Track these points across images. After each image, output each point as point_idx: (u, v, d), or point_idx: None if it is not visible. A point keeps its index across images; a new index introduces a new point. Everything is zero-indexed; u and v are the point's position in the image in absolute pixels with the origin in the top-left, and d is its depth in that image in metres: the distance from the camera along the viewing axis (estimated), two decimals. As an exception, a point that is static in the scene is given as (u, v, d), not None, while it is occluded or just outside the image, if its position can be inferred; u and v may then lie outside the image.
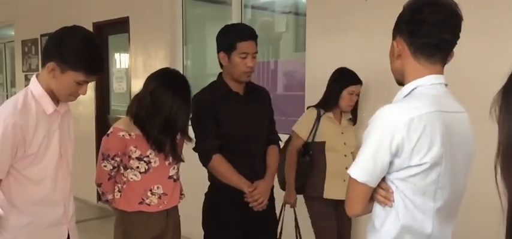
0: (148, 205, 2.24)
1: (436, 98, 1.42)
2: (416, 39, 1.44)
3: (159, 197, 2.26)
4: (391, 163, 1.39)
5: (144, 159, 2.21)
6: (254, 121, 2.44)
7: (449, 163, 1.41)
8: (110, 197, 2.29)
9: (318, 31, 3.35)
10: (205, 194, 2.50)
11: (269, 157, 2.49)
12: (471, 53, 2.58)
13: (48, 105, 1.87)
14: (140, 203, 2.24)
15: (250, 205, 2.35)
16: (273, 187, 2.56)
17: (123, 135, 2.19)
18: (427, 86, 1.43)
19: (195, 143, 2.42)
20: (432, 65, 1.45)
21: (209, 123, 2.37)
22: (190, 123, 2.41)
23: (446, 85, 1.48)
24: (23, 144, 1.79)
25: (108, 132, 2.24)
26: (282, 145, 2.64)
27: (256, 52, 2.39)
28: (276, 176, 2.63)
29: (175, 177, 2.33)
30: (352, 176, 1.43)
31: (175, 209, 2.38)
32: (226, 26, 2.47)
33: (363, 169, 1.41)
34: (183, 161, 2.30)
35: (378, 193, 1.45)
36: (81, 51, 1.80)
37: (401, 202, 1.42)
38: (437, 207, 1.42)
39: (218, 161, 2.35)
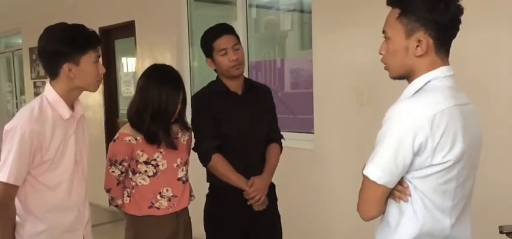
0: (158, 208, 2.24)
1: (451, 91, 1.36)
2: (445, 32, 1.35)
3: (169, 200, 2.26)
4: (412, 163, 1.32)
5: (152, 162, 2.22)
6: (252, 120, 2.43)
7: (468, 157, 1.36)
8: (119, 202, 2.29)
9: (324, 28, 3.34)
10: (206, 195, 2.51)
11: (268, 155, 2.48)
12: (474, 48, 2.56)
13: (65, 110, 1.90)
14: (150, 207, 2.24)
15: (248, 203, 2.35)
16: (274, 186, 2.55)
17: (129, 140, 2.20)
18: (441, 78, 1.36)
19: (195, 144, 2.43)
20: (446, 57, 1.39)
21: (208, 123, 2.37)
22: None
23: (453, 76, 1.43)
24: (39, 150, 1.81)
25: (115, 137, 2.26)
26: (284, 143, 2.62)
27: (236, 44, 2.39)
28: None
29: (184, 179, 2.33)
30: (371, 178, 1.34)
31: (185, 210, 2.38)
32: (204, 32, 2.48)
33: (383, 170, 1.33)
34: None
35: (394, 188, 1.37)
36: (72, 35, 1.87)
37: (420, 202, 1.35)
38: (456, 204, 1.38)
39: (217, 161, 2.35)
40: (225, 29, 2.42)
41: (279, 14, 4.38)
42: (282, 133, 2.63)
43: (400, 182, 1.37)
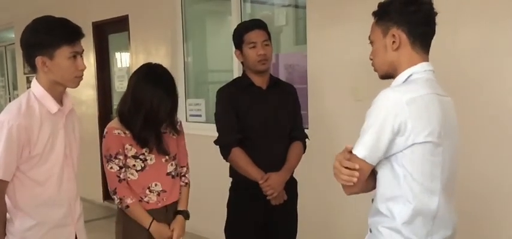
0: (147, 203, 2.23)
1: (430, 82, 1.51)
2: (417, 29, 1.51)
3: (158, 194, 2.24)
4: (394, 143, 1.44)
5: (140, 157, 2.19)
6: (274, 115, 2.46)
7: (448, 142, 1.48)
8: (129, 201, 2.17)
9: (318, 23, 3.34)
10: (229, 189, 2.57)
11: (289, 152, 2.49)
12: (470, 45, 2.57)
13: (52, 104, 1.88)
14: (139, 201, 2.21)
15: (267, 198, 2.38)
16: (296, 183, 2.57)
17: (118, 133, 2.17)
18: (421, 72, 1.51)
19: (217, 137, 2.48)
20: (424, 53, 1.54)
21: (229, 116, 2.42)
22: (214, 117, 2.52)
23: (433, 71, 1.55)
24: (27, 145, 1.80)
25: (104, 133, 2.23)
26: (308, 142, 2.61)
27: (267, 40, 2.45)
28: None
29: (173, 174, 2.30)
30: (353, 151, 1.49)
31: (175, 205, 2.34)
32: (237, 25, 2.57)
33: (363, 145, 1.47)
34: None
35: (342, 172, 1.49)
36: (49, 27, 1.84)
37: (409, 188, 1.46)
38: (442, 186, 1.49)
39: (237, 154, 2.40)
40: (257, 24, 2.50)
41: (274, 9, 4.36)
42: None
43: (351, 165, 1.48)
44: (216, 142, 2.49)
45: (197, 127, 4.32)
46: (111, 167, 2.18)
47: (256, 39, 2.41)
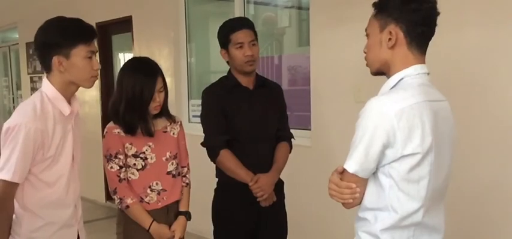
0: (148, 203, 2.22)
1: (422, 87, 1.45)
2: (415, 28, 1.44)
3: (158, 194, 2.24)
4: (384, 155, 1.41)
5: (140, 155, 2.19)
6: (262, 116, 2.43)
7: (438, 150, 1.44)
8: (129, 201, 2.18)
9: (321, 25, 3.34)
10: (215, 190, 2.52)
11: (277, 152, 2.47)
12: (471, 47, 2.56)
13: (65, 106, 1.88)
14: (140, 201, 2.21)
15: (257, 200, 2.35)
16: (283, 183, 2.56)
17: (118, 132, 2.18)
18: (413, 76, 1.46)
19: (204, 139, 2.44)
20: (420, 54, 1.48)
21: (217, 118, 2.37)
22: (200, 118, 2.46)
23: (428, 74, 1.51)
24: (42, 148, 1.80)
25: (104, 133, 2.24)
26: (294, 142, 2.61)
27: (254, 40, 2.38)
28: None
29: (174, 173, 2.29)
30: (344, 166, 1.47)
31: (176, 205, 2.34)
32: (223, 23, 2.47)
33: (354, 159, 1.44)
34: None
35: (343, 193, 1.49)
36: (65, 26, 1.84)
37: (395, 195, 1.43)
38: (429, 194, 1.45)
39: (225, 156, 2.35)
40: (244, 23, 2.42)
41: (277, 11, 4.37)
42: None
43: (347, 185, 1.47)
44: (203, 144, 2.44)
45: (200, 128, 4.31)
46: (111, 167, 2.19)
47: (243, 40, 2.33)
